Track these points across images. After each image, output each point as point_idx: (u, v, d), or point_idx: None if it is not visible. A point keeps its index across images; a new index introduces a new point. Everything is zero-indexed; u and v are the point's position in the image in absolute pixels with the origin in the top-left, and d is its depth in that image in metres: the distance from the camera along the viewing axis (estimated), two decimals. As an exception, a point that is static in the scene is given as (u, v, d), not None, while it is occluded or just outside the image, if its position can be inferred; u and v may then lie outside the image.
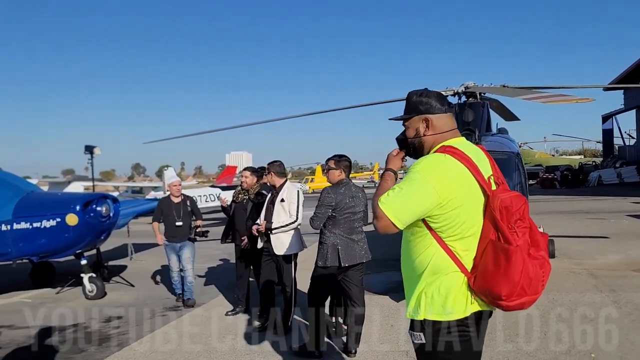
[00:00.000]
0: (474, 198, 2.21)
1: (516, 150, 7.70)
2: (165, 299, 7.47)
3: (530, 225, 2.19)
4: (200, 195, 24.09)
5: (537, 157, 50.78)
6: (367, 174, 69.50)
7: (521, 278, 2.07)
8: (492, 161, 2.37)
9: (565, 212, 18.10)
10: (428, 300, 2.22)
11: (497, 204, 2.14)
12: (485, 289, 2.15)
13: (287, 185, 5.61)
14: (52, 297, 7.95)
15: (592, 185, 34.86)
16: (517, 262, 2.07)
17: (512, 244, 2.09)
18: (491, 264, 2.13)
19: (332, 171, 4.89)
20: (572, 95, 6.08)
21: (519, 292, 2.10)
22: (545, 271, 2.16)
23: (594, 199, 24.02)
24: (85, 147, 10.00)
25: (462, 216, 2.18)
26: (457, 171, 2.18)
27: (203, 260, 10.78)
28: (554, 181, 36.49)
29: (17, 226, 7.28)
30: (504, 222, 2.11)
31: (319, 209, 4.73)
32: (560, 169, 39.03)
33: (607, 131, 44.94)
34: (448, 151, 2.24)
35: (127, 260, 11.14)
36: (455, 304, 2.19)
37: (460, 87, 8.71)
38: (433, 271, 2.23)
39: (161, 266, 9.90)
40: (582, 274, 7.78)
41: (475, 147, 2.38)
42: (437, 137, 2.36)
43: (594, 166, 41.39)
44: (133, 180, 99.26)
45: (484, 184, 2.21)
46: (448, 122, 2.38)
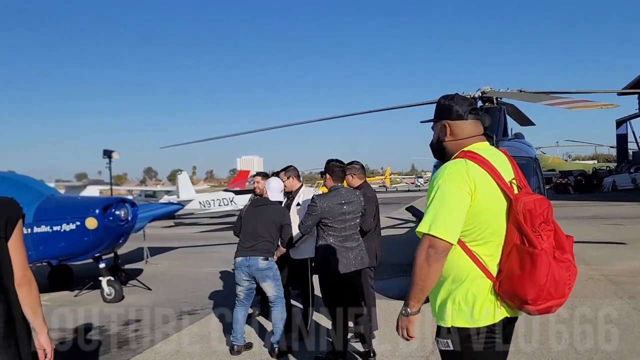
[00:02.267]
0: (496, 202, 2.21)
1: (534, 155, 7.67)
2: (182, 302, 7.52)
3: (555, 228, 2.19)
4: (214, 199, 24.33)
5: (550, 162, 50.38)
6: (378, 178, 69.54)
7: (547, 281, 2.07)
8: (514, 165, 2.37)
9: (581, 217, 17.94)
10: (455, 307, 2.22)
11: (520, 207, 2.14)
12: (511, 293, 2.15)
13: (303, 189, 5.63)
14: (70, 299, 8.04)
15: (606, 191, 34.50)
16: (542, 266, 2.07)
17: (537, 247, 2.09)
18: (517, 268, 2.13)
19: (327, 180, 4.77)
20: (595, 101, 6.05)
21: (546, 296, 2.09)
22: (571, 274, 2.16)
23: (609, 204, 23.79)
24: (103, 151, 10.11)
25: (486, 221, 2.19)
26: (477, 175, 2.19)
27: (217, 264, 10.86)
28: (568, 186, 36.19)
29: (37, 229, 7.38)
30: (527, 226, 2.12)
31: (306, 217, 4.63)
32: (574, 174, 38.67)
33: (621, 136, 44.48)
34: (468, 156, 2.26)
35: (142, 263, 11.22)
36: (483, 310, 2.19)
37: (477, 92, 8.68)
38: (458, 277, 2.23)
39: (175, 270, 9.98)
40: (601, 280, 7.70)
41: (497, 151, 2.38)
42: (457, 143, 2.37)
43: (608, 171, 40.97)
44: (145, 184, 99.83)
45: (505, 187, 2.21)
46: (469, 129, 2.38)
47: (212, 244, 15.14)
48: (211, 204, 23.91)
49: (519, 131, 10.27)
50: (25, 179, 8.34)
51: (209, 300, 7.59)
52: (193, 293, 8.18)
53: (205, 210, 24.32)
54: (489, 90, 8.53)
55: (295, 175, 5.65)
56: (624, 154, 44.69)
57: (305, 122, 13.11)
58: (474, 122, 2.40)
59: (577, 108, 5.88)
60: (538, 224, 2.13)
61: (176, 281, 9.41)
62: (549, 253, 2.11)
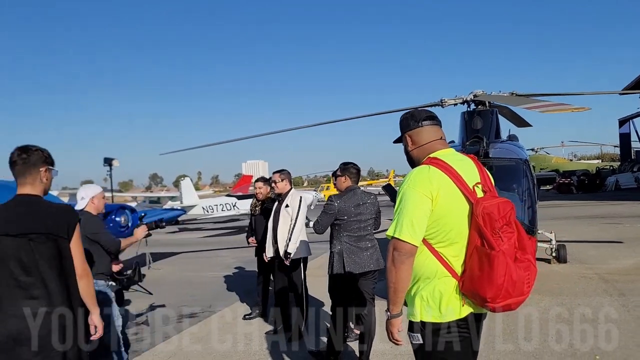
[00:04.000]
0: (458, 205, 2.36)
1: (524, 157, 7.79)
2: (182, 306, 7.68)
3: (517, 229, 2.34)
4: (216, 204, 24.52)
5: (553, 162, 50.29)
6: (382, 181, 69.61)
7: (505, 281, 2.21)
8: (482, 169, 2.51)
9: (581, 216, 18.00)
10: (424, 303, 2.37)
11: (480, 210, 2.28)
12: (472, 292, 2.30)
13: (292, 192, 5.81)
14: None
15: (609, 190, 34.41)
16: (499, 267, 2.20)
17: (495, 249, 2.22)
18: (477, 269, 2.28)
19: (338, 179, 4.93)
20: (569, 105, 6.19)
21: (504, 295, 2.23)
22: (530, 273, 2.30)
23: (611, 203, 23.79)
24: (104, 159, 10.32)
25: (449, 224, 2.34)
26: (439, 180, 2.35)
27: (218, 269, 11.04)
28: (571, 186, 36.14)
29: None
30: (487, 228, 2.25)
31: (322, 215, 4.80)
32: (577, 173, 38.61)
33: (625, 135, 44.41)
34: (432, 163, 2.42)
35: (145, 269, 11.39)
36: (449, 306, 2.33)
37: (469, 95, 8.83)
38: (426, 275, 2.38)
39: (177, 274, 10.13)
40: (594, 279, 7.81)
41: (462, 157, 2.53)
42: (421, 150, 2.57)
43: (612, 170, 40.87)
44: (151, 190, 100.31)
45: (467, 192, 2.36)
46: (426, 134, 2.57)
47: (214, 249, 15.33)
48: (214, 209, 24.10)
49: (515, 133, 10.39)
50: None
51: (209, 303, 7.73)
52: (193, 297, 8.34)
53: (208, 215, 24.52)
54: (480, 93, 8.68)
55: (288, 178, 5.83)
56: (628, 153, 44.55)
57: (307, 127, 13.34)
58: (432, 128, 2.59)
59: (551, 112, 6.02)
60: (499, 227, 2.26)
61: (177, 285, 9.57)
62: (508, 254, 2.23)
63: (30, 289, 2.69)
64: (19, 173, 2.83)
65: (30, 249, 2.70)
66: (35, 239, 2.70)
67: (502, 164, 7.24)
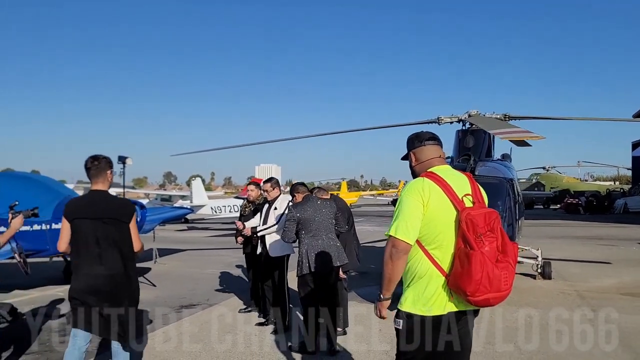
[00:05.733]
0: (447, 212, 2.72)
1: (509, 176, 8.24)
2: (182, 298, 8.22)
3: (502, 236, 2.69)
4: (225, 205, 25.15)
5: (564, 182, 50.29)
6: (392, 191, 70.02)
7: (482, 277, 2.54)
8: (474, 184, 2.88)
9: (580, 237, 18.27)
10: (415, 297, 2.73)
11: (463, 216, 2.64)
12: (456, 287, 2.65)
13: (281, 197, 6.51)
14: (82, 292, 8.79)
15: (617, 213, 34.40)
16: (477, 264, 2.55)
17: (474, 250, 2.57)
18: (459, 266, 2.64)
19: (297, 194, 5.76)
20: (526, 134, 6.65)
21: (482, 289, 2.56)
22: (508, 273, 2.63)
23: (615, 226, 23.96)
24: (118, 157, 10.98)
25: (438, 227, 2.71)
26: (431, 190, 2.73)
27: (219, 266, 11.60)
28: (578, 206, 36.19)
29: (55, 226, 8.16)
30: (469, 232, 2.61)
31: (287, 223, 5.46)
32: (586, 194, 38.60)
33: (637, 158, 44.20)
34: (427, 176, 2.82)
35: (151, 263, 11.97)
36: (436, 302, 2.69)
37: (464, 115, 9.34)
38: (420, 273, 2.75)
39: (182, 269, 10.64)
40: (571, 295, 8.22)
41: (457, 173, 2.91)
42: (422, 165, 2.96)
43: (622, 193, 40.76)
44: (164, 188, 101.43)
45: (455, 201, 2.72)
46: (427, 153, 2.98)
47: (218, 248, 15.90)
48: (222, 209, 24.72)
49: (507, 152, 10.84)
50: (47, 179, 9.20)
51: (207, 297, 8.29)
52: (193, 291, 8.88)
53: (216, 215, 25.16)
54: (474, 113, 9.17)
55: (278, 186, 6.63)
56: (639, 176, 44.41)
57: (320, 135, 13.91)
58: (433, 147, 2.99)
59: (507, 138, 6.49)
60: (483, 232, 2.61)
61: (179, 280, 10.12)
62: (488, 256, 2.58)
63: (101, 257, 3.78)
64: (92, 175, 3.91)
65: (103, 229, 3.79)
66: (107, 221, 3.80)
67: (486, 182, 7.70)
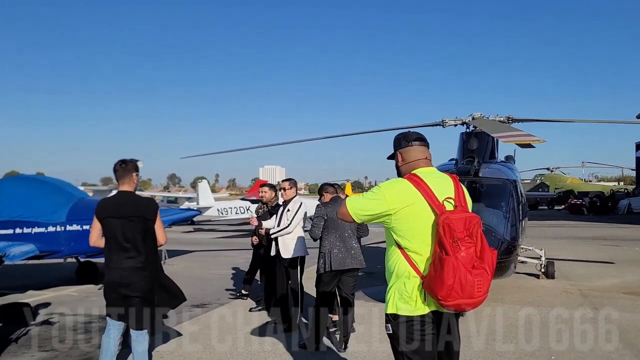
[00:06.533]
0: (423, 215, 2.70)
1: (513, 178, 8.40)
2: (193, 298, 8.38)
3: (481, 241, 2.62)
4: (231, 207, 25.36)
5: (568, 183, 50.30)
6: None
7: (454, 283, 2.50)
8: (459, 187, 2.84)
9: (583, 237, 18.39)
10: (396, 298, 2.74)
11: (441, 220, 2.59)
12: (429, 290, 2.63)
13: (295, 198, 6.58)
14: (94, 292, 8.97)
15: (621, 213, 34.45)
16: (449, 269, 2.50)
17: (449, 254, 2.52)
18: (432, 270, 2.61)
19: (325, 194, 5.96)
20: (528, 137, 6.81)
21: (454, 295, 2.52)
22: (482, 280, 2.57)
23: (618, 226, 24.06)
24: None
25: (415, 230, 2.71)
26: (406, 191, 2.74)
27: (228, 267, 11.80)
28: (582, 207, 36.26)
29: (69, 227, 8.39)
30: (446, 237, 2.55)
31: (315, 219, 5.69)
32: (590, 195, 38.64)
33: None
34: (408, 177, 2.82)
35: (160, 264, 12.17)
36: (416, 302, 2.69)
37: (468, 117, 9.50)
38: (397, 274, 2.77)
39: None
40: (574, 294, 8.38)
41: (440, 175, 2.89)
42: (407, 166, 2.96)
43: (626, 194, 40.78)
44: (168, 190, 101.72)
45: (434, 204, 2.68)
46: (414, 154, 2.95)
47: (225, 249, 16.10)
48: (228, 211, 24.93)
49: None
50: (60, 182, 9.42)
51: (217, 297, 8.50)
52: (203, 291, 9.05)
53: (222, 217, 25.38)
54: (478, 116, 9.34)
55: (295, 186, 6.68)
56: (644, 177, 44.41)
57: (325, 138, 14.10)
58: (419, 148, 2.97)
59: (509, 142, 6.66)
60: (461, 237, 2.55)
61: (189, 280, 10.28)
62: (463, 261, 2.52)
63: (128, 252, 4.18)
64: (120, 177, 4.32)
65: (130, 226, 4.18)
66: (133, 219, 4.20)
67: (490, 183, 7.90)
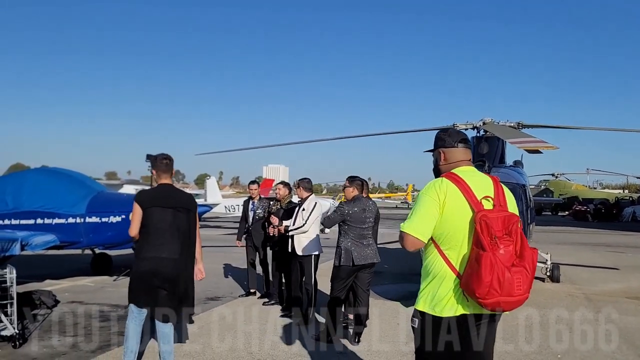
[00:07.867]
0: (463, 212, 2.66)
1: (522, 182, 8.61)
2: (207, 291, 8.61)
3: (521, 240, 2.59)
4: (239, 204, 25.56)
5: (573, 189, 50.40)
6: (400, 194, 70.17)
7: (492, 280, 2.45)
8: (499, 188, 2.77)
9: (588, 243, 18.57)
10: (429, 297, 2.72)
11: (478, 218, 2.56)
12: (467, 288, 2.58)
13: (311, 197, 6.80)
14: (110, 283, 9.24)
15: (625, 221, 34.59)
16: (487, 266, 2.46)
17: (486, 251, 2.49)
18: (469, 268, 2.58)
19: (347, 189, 6.03)
20: (541, 143, 7.00)
21: (492, 292, 2.47)
22: (522, 278, 2.53)
23: (623, 233, 24.20)
24: (147, 155, 11.41)
25: (453, 228, 2.66)
26: (447, 189, 2.69)
27: (238, 262, 11.99)
28: (587, 214, 36.40)
29: (88, 220, 8.63)
30: (484, 234, 2.53)
31: (333, 213, 5.91)
32: (595, 202, 38.78)
33: (647, 167, 44.36)
34: (447, 176, 2.78)
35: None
36: (448, 304, 2.65)
37: (479, 122, 9.72)
38: (435, 274, 2.73)
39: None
40: (579, 297, 8.57)
41: (478, 174, 2.85)
42: (448, 166, 2.88)
43: (631, 201, 40.88)
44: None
45: (473, 202, 2.64)
46: (458, 155, 2.89)
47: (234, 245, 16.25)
48: (236, 208, 25.12)
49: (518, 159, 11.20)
50: (80, 175, 9.68)
51: (229, 291, 8.74)
52: (216, 284, 9.27)
53: (229, 214, 25.63)
54: (489, 121, 9.55)
55: (308, 187, 6.88)
56: (650, 185, 44.51)
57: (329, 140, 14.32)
58: (464, 150, 2.91)
59: (521, 147, 6.84)
60: (500, 235, 2.53)
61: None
62: (502, 259, 2.49)
63: (168, 243, 4.28)
64: (163, 171, 4.48)
65: (175, 217, 4.32)
66: (180, 210, 4.37)
67: (500, 187, 8.09)
